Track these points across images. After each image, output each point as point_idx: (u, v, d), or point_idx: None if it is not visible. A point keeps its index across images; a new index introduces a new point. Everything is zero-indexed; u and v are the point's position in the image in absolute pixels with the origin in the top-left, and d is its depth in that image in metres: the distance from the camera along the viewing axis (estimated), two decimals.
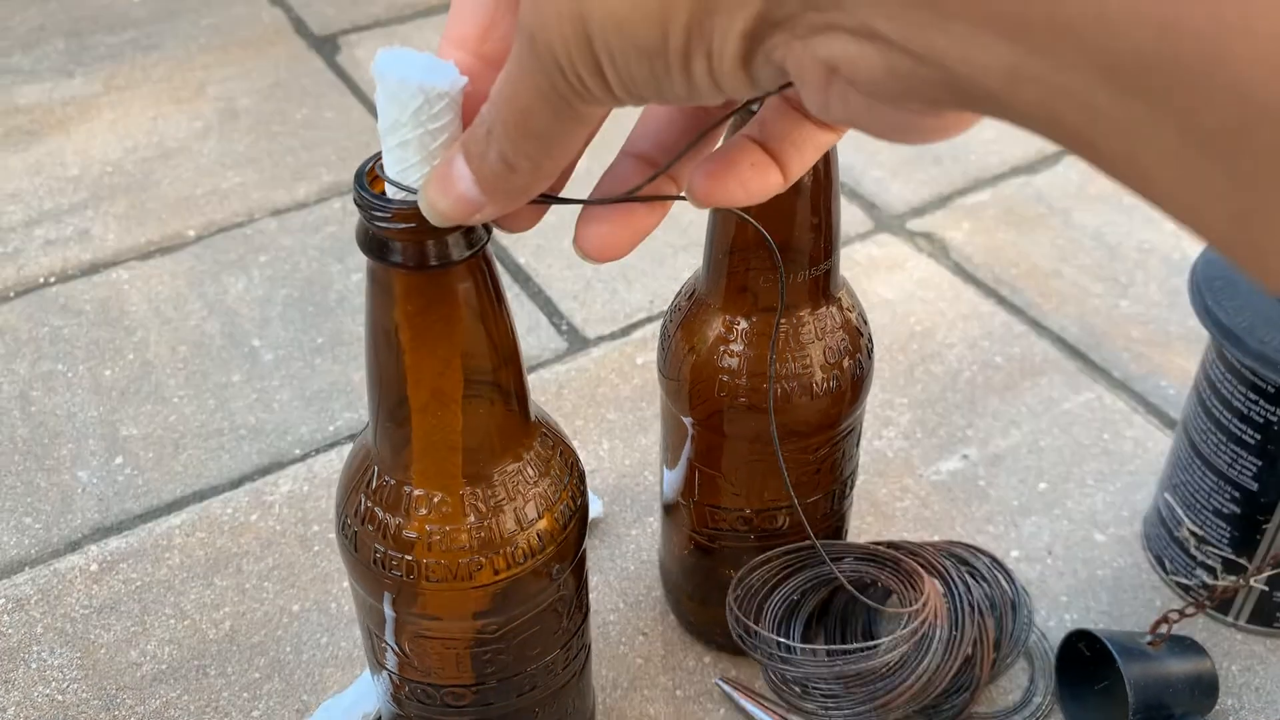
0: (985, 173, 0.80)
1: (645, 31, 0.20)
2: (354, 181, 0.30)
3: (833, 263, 0.41)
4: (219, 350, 0.67)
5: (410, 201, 0.28)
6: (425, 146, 0.27)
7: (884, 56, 0.18)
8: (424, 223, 0.29)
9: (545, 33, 0.21)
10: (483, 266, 0.32)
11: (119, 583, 0.54)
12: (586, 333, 0.68)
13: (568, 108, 0.22)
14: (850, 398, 0.43)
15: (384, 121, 0.28)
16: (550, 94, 0.22)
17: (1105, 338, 0.67)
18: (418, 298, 0.32)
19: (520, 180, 0.25)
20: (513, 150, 0.24)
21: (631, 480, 0.59)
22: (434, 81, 0.26)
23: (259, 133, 0.86)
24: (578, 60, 0.21)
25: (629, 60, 0.20)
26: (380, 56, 0.27)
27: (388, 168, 0.29)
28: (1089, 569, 0.54)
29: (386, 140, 0.28)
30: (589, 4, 0.20)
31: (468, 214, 0.26)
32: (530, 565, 0.36)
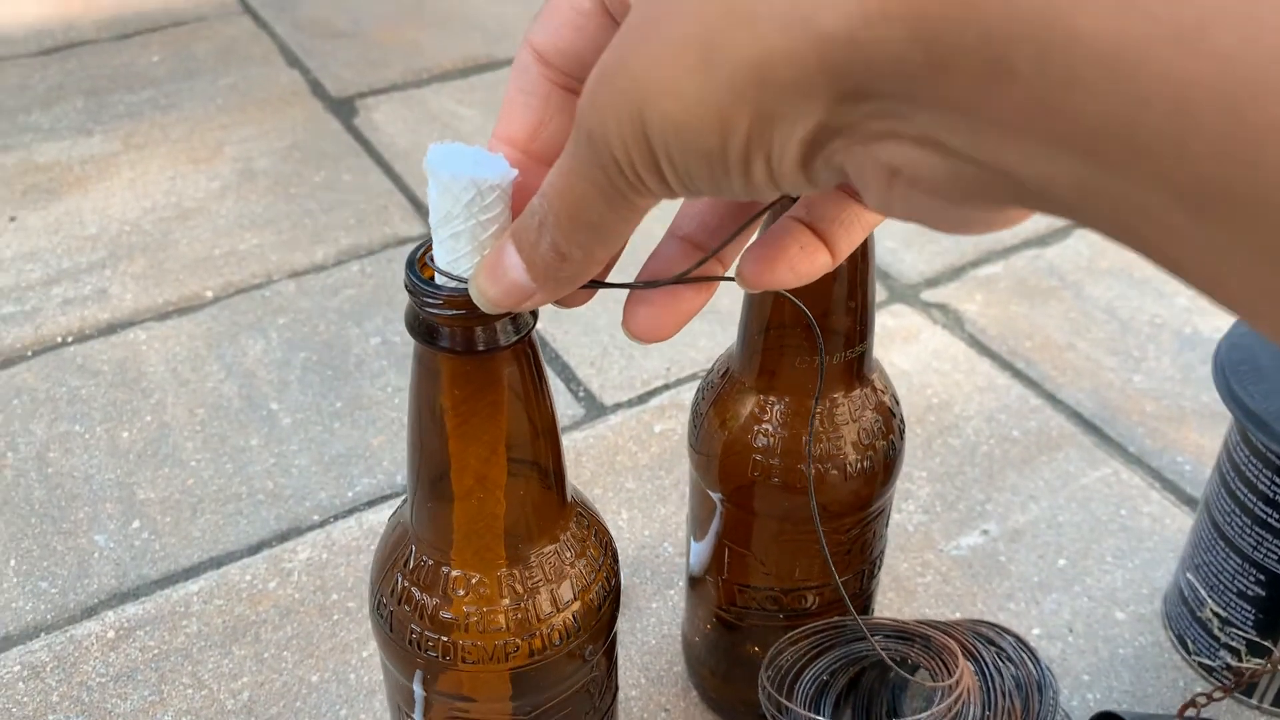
0: (997, 244, 0.81)
1: (704, 137, 0.20)
2: (406, 268, 0.30)
3: (868, 344, 0.41)
4: (237, 413, 0.67)
5: (462, 289, 0.29)
6: (476, 237, 0.28)
7: (948, 163, 0.18)
8: (475, 310, 0.29)
9: (603, 130, 0.21)
10: (528, 351, 0.32)
11: (136, 651, 0.54)
12: (604, 399, 0.69)
13: (623, 200, 0.23)
14: (882, 479, 0.43)
15: (436, 214, 0.28)
16: (606, 188, 0.22)
17: (1120, 412, 0.67)
18: (466, 382, 0.32)
19: (571, 269, 0.25)
20: (565, 240, 0.24)
21: (651, 552, 0.59)
22: (486, 174, 0.27)
23: (277, 194, 0.87)
24: (636, 158, 0.21)
25: (687, 161, 0.21)
26: (432, 151, 0.27)
27: (438, 259, 0.29)
28: (1110, 647, 0.54)
29: (438, 232, 0.28)
30: (648, 108, 0.20)
31: (518, 301, 0.26)
32: (565, 647, 0.36)
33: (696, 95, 0.19)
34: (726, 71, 0.19)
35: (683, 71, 0.19)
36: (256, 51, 1.07)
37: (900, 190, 0.20)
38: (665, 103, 0.20)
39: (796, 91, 0.18)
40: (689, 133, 0.20)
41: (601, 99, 0.21)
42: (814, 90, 0.18)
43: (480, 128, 0.95)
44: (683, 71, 0.19)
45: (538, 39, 0.27)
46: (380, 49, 1.07)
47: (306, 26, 1.11)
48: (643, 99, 0.20)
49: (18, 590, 0.57)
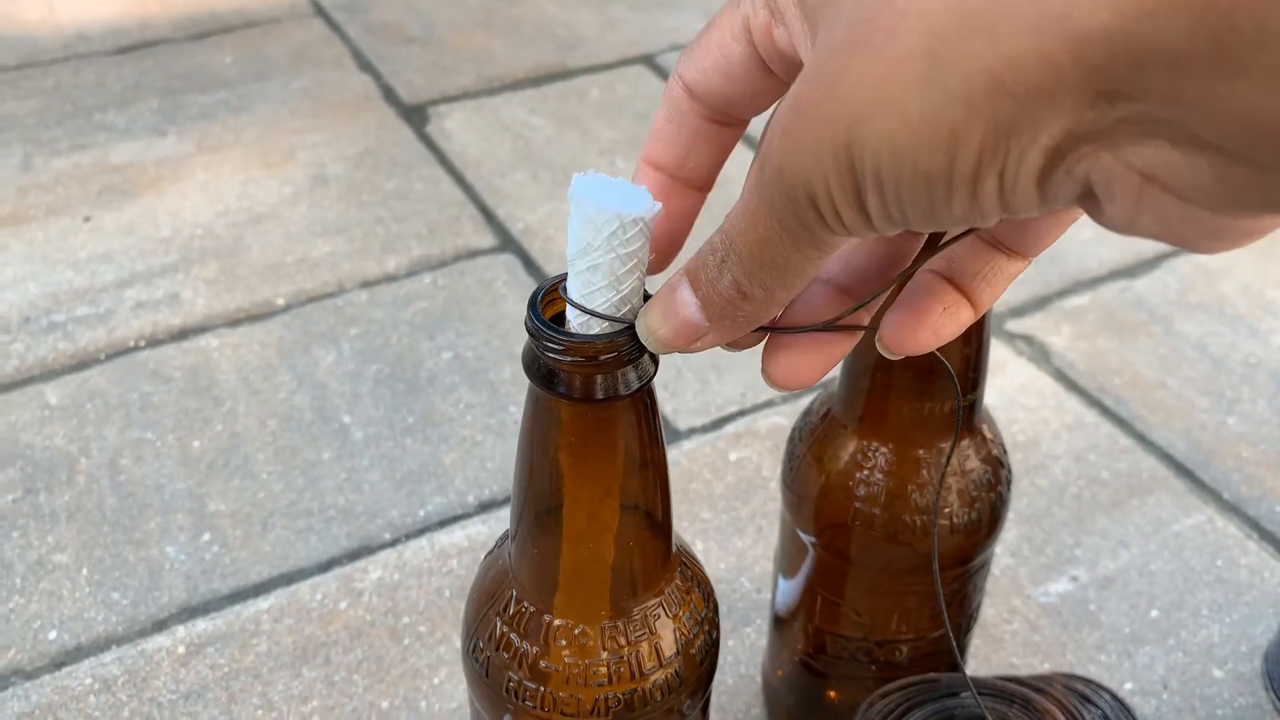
0: (1084, 275, 0.79)
1: (929, 158, 0.18)
2: (528, 308, 0.29)
3: (979, 393, 0.40)
4: (308, 425, 0.67)
5: (587, 336, 0.28)
6: (614, 271, 0.27)
7: (1216, 165, 0.17)
8: (598, 357, 0.28)
9: (798, 165, 0.20)
10: (646, 399, 0.31)
11: (206, 668, 0.53)
12: (678, 424, 0.67)
13: (811, 239, 0.22)
14: (987, 531, 0.41)
15: (575, 245, 0.27)
16: (794, 226, 0.21)
17: (1214, 456, 0.65)
18: (583, 429, 0.31)
19: (751, 309, 0.24)
20: (748, 279, 0.23)
21: (728, 587, 0.57)
22: (630, 208, 0.26)
23: (349, 201, 0.86)
24: (837, 191, 0.20)
25: (902, 188, 0.19)
26: (576, 181, 0.26)
27: (572, 290, 0.28)
28: (1208, 707, 0.52)
29: (575, 264, 0.27)
30: (859, 133, 0.19)
31: (689, 340, 0.25)
32: (666, 704, 0.35)
33: (921, 110, 0.18)
34: (958, 81, 0.17)
35: (902, 88, 0.18)
36: (328, 55, 1.06)
37: (1152, 199, 0.18)
38: (882, 124, 0.18)
39: (1042, 96, 0.17)
40: (911, 152, 0.19)
41: (798, 130, 0.20)
42: (1064, 94, 0.17)
43: (552, 138, 0.94)
44: (902, 88, 0.18)
45: (688, 75, 0.26)
46: (452, 55, 1.06)
47: (378, 30, 1.11)
48: (852, 124, 0.19)
49: (89, 600, 0.57)
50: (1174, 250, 0.82)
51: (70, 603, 0.56)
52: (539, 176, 0.89)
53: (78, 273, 0.79)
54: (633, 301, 0.28)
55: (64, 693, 0.52)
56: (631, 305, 0.28)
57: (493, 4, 1.16)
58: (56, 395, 0.69)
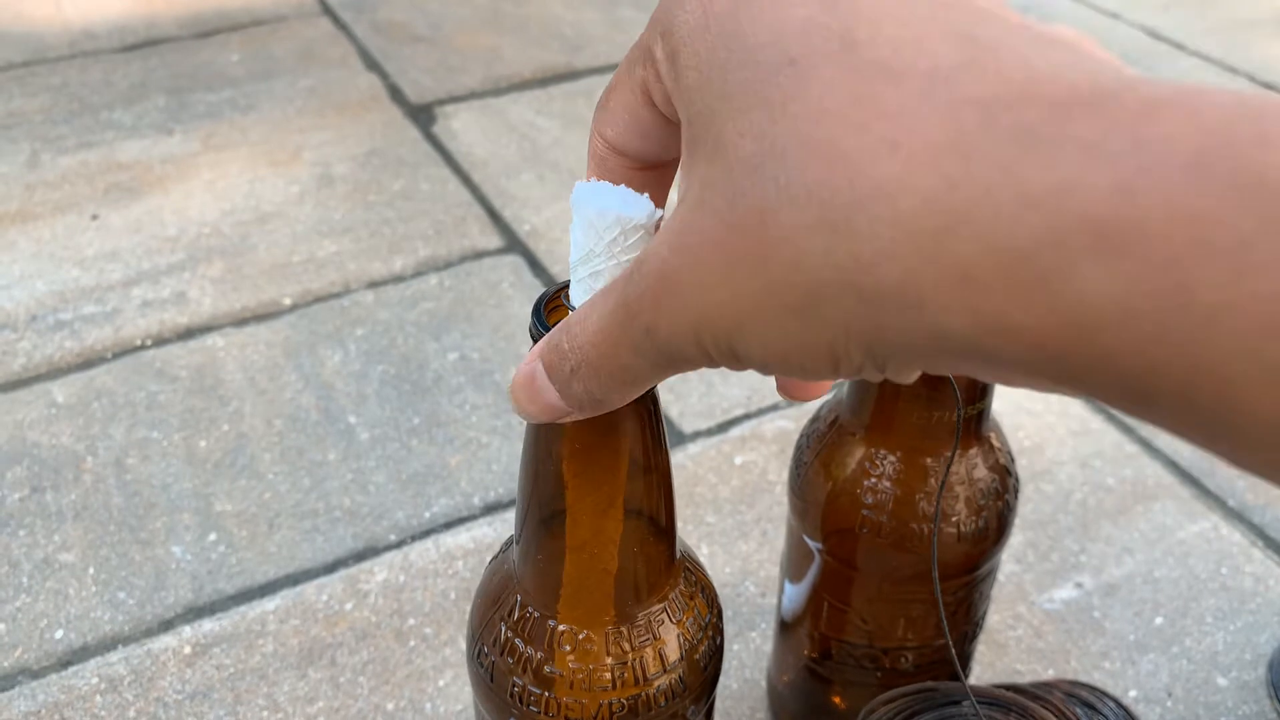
0: None
1: (815, 364, 0.20)
2: (532, 314, 0.29)
3: (987, 402, 0.40)
4: (314, 426, 0.67)
5: None
6: (615, 277, 0.27)
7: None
8: None
9: (675, 338, 0.21)
10: (650, 405, 0.31)
11: (212, 668, 0.53)
12: (683, 427, 0.67)
13: (678, 370, 0.23)
14: (994, 539, 0.41)
15: (577, 252, 0.27)
16: (661, 365, 0.22)
17: (1219, 463, 0.65)
18: (587, 434, 0.31)
19: (610, 406, 0.25)
20: (602, 390, 0.24)
21: (732, 590, 0.58)
22: (631, 213, 0.26)
23: (355, 201, 0.86)
24: (717, 361, 0.21)
25: (790, 371, 0.21)
26: (578, 188, 0.27)
27: (575, 297, 0.28)
28: (1212, 715, 0.52)
29: (578, 270, 0.28)
30: (743, 337, 0.20)
31: (555, 417, 0.26)
32: (670, 709, 0.35)
33: (802, 337, 0.19)
34: (839, 316, 0.19)
35: (782, 310, 0.19)
36: (335, 54, 1.07)
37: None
38: (765, 336, 0.20)
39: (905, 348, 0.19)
40: (798, 358, 0.20)
41: (672, 310, 0.21)
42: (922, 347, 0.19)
43: (558, 139, 0.94)
44: (782, 310, 0.19)
45: (607, 133, 0.26)
46: (459, 55, 1.07)
47: (385, 30, 1.11)
48: (732, 328, 0.20)
49: (96, 599, 0.57)
50: None
51: (77, 602, 0.57)
52: (545, 177, 0.89)
53: (84, 271, 0.79)
54: None
55: (70, 692, 0.52)
56: None
57: (499, 4, 1.16)
58: (63, 394, 0.69)
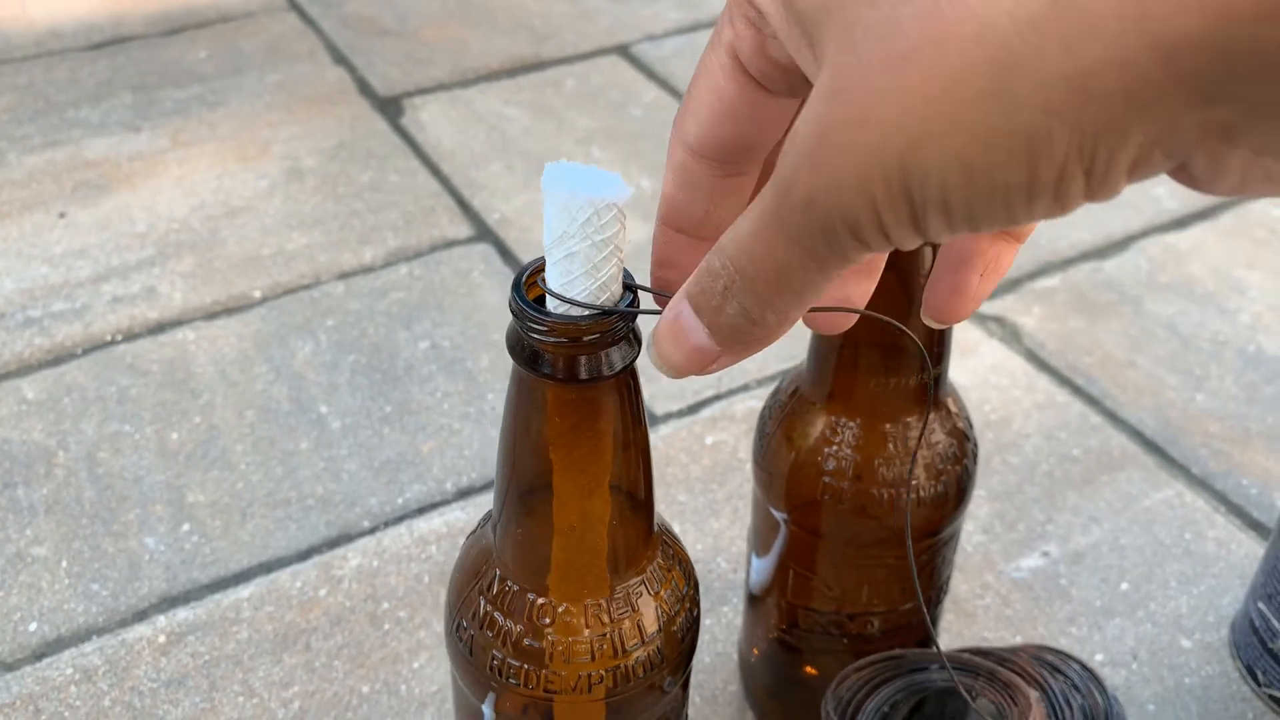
0: (1055, 256, 0.80)
1: (1006, 172, 0.18)
2: (512, 289, 0.29)
3: (944, 367, 0.40)
4: (286, 416, 0.67)
5: (571, 317, 0.28)
6: (591, 259, 0.27)
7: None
8: (582, 338, 0.28)
9: (835, 197, 0.19)
10: (630, 380, 0.31)
11: (187, 656, 0.54)
12: (655, 409, 0.68)
13: (842, 261, 0.21)
14: (955, 504, 0.42)
15: (551, 234, 0.28)
16: (823, 252, 0.20)
17: (1182, 432, 0.66)
18: (569, 409, 0.31)
19: (762, 332, 0.23)
20: (759, 307, 0.22)
21: (704, 567, 0.58)
22: (603, 194, 0.27)
23: (324, 194, 0.87)
24: (889, 219, 0.19)
25: (975, 204, 0.18)
26: (548, 170, 0.27)
27: (551, 280, 0.28)
28: (1176, 676, 0.53)
29: (552, 253, 0.28)
30: (918, 158, 0.18)
31: (703, 366, 0.24)
32: (649, 680, 0.35)
33: (991, 124, 0.17)
34: (1032, 89, 0.17)
35: (966, 102, 0.17)
36: (303, 49, 1.06)
37: (1262, 168, 0.18)
38: (946, 143, 0.18)
39: (1130, 103, 0.16)
40: (984, 169, 0.18)
41: (828, 160, 0.19)
42: (1155, 99, 0.16)
43: (527, 128, 0.94)
44: (966, 102, 0.17)
45: (689, 135, 0.25)
46: (427, 48, 1.07)
47: (352, 24, 1.11)
48: (906, 149, 0.18)
49: (69, 591, 0.57)
50: (1144, 231, 0.83)
51: (50, 595, 0.57)
52: (514, 167, 0.90)
53: (53, 268, 0.79)
54: (611, 289, 0.28)
55: (45, 683, 0.52)
56: (611, 292, 0.28)
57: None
58: (33, 390, 0.69)
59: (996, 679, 0.44)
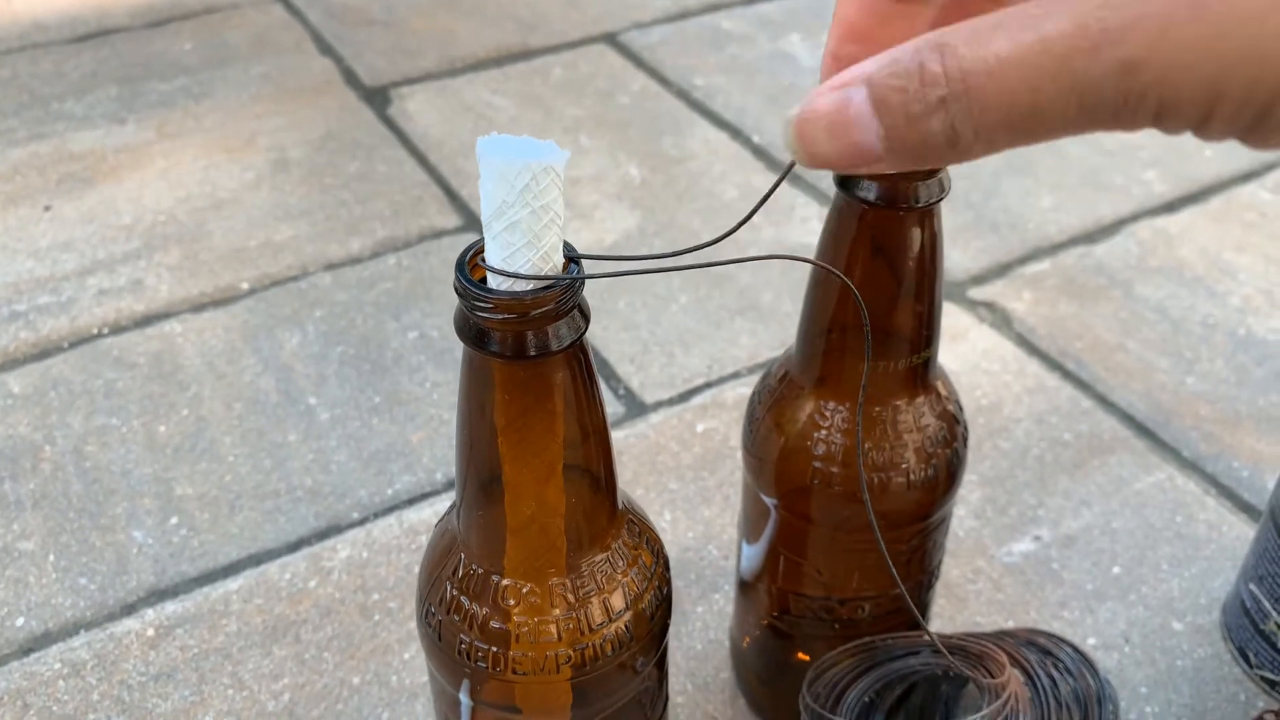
0: (1044, 241, 0.80)
1: None
2: (455, 270, 0.29)
3: (933, 350, 0.40)
4: (274, 407, 0.67)
5: (515, 292, 0.28)
6: (532, 229, 0.27)
7: None
8: (529, 313, 0.28)
9: (1179, 75, 0.18)
10: (580, 354, 0.31)
11: (176, 650, 0.53)
12: (644, 397, 0.68)
13: (1106, 127, 0.19)
14: (945, 488, 0.42)
15: (489, 206, 0.27)
16: (1100, 114, 0.19)
17: (1174, 415, 0.66)
18: (519, 387, 0.31)
19: (953, 156, 0.21)
20: (974, 132, 0.20)
21: (695, 554, 0.58)
22: (541, 157, 0.26)
23: (311, 184, 0.86)
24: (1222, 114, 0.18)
25: None
26: (481, 142, 0.27)
27: (492, 256, 0.28)
28: (1168, 659, 0.53)
29: (493, 226, 0.27)
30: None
31: (854, 164, 0.22)
32: (618, 658, 0.35)
33: None
34: None
35: None
36: (289, 39, 1.06)
37: None
38: None
39: None
40: None
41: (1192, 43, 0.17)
42: None
43: (514, 117, 0.94)
44: None
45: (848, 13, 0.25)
46: (414, 37, 1.06)
47: (339, 14, 1.10)
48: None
49: (57, 586, 0.56)
50: (1133, 215, 0.82)
51: (37, 589, 0.56)
52: None
53: (39, 262, 0.78)
54: (554, 259, 0.28)
55: (33, 678, 0.52)
56: (553, 263, 0.28)
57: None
58: (19, 384, 0.68)
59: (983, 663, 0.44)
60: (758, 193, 0.82)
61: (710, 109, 0.95)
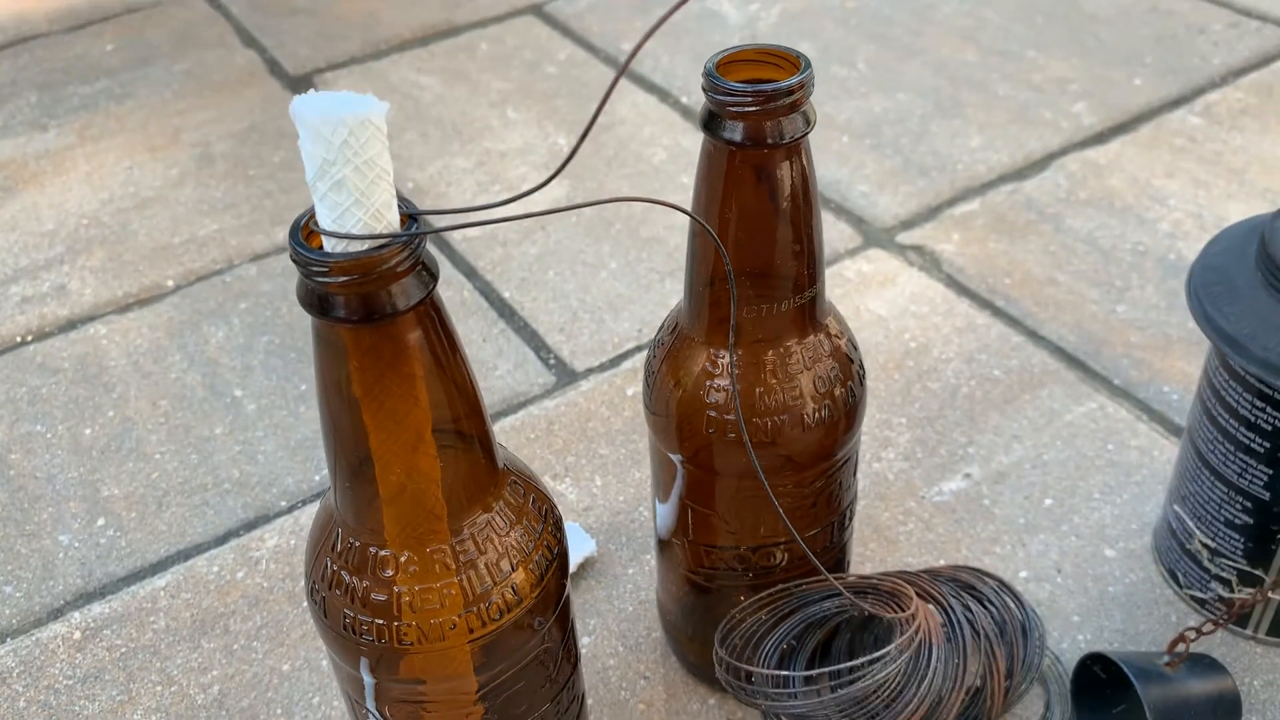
0: (973, 181, 0.79)
1: None
2: (290, 239, 0.28)
3: (818, 289, 0.40)
4: (200, 402, 0.66)
5: (351, 254, 0.27)
6: (358, 186, 0.26)
7: None
8: (369, 273, 0.27)
9: None
10: (432, 312, 0.30)
11: (103, 650, 0.53)
12: (575, 365, 0.67)
13: None
14: (844, 427, 0.41)
15: (312, 167, 0.26)
16: None
17: (1104, 345, 0.65)
18: (371, 354, 0.30)
19: None
20: None
21: (626, 517, 0.57)
22: (357, 110, 0.26)
23: (236, 177, 0.85)
24: None
25: None
26: (295, 102, 0.26)
27: (322, 219, 0.27)
28: (1100, 586, 0.53)
29: (318, 187, 0.27)
30: None
31: None
32: (509, 620, 0.34)
33: None
34: None
35: None
36: (212, 34, 1.04)
37: None
38: None
39: None
40: None
41: None
42: None
43: (440, 95, 0.93)
44: None
45: None
46: (338, 23, 1.05)
47: (262, 5, 1.09)
48: None
49: None
50: (1062, 149, 0.82)
51: None
52: (428, 135, 0.88)
53: None
54: (387, 216, 0.27)
55: None
56: (387, 220, 0.27)
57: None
58: None
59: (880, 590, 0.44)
60: (687, 154, 0.81)
61: (638, 73, 0.94)
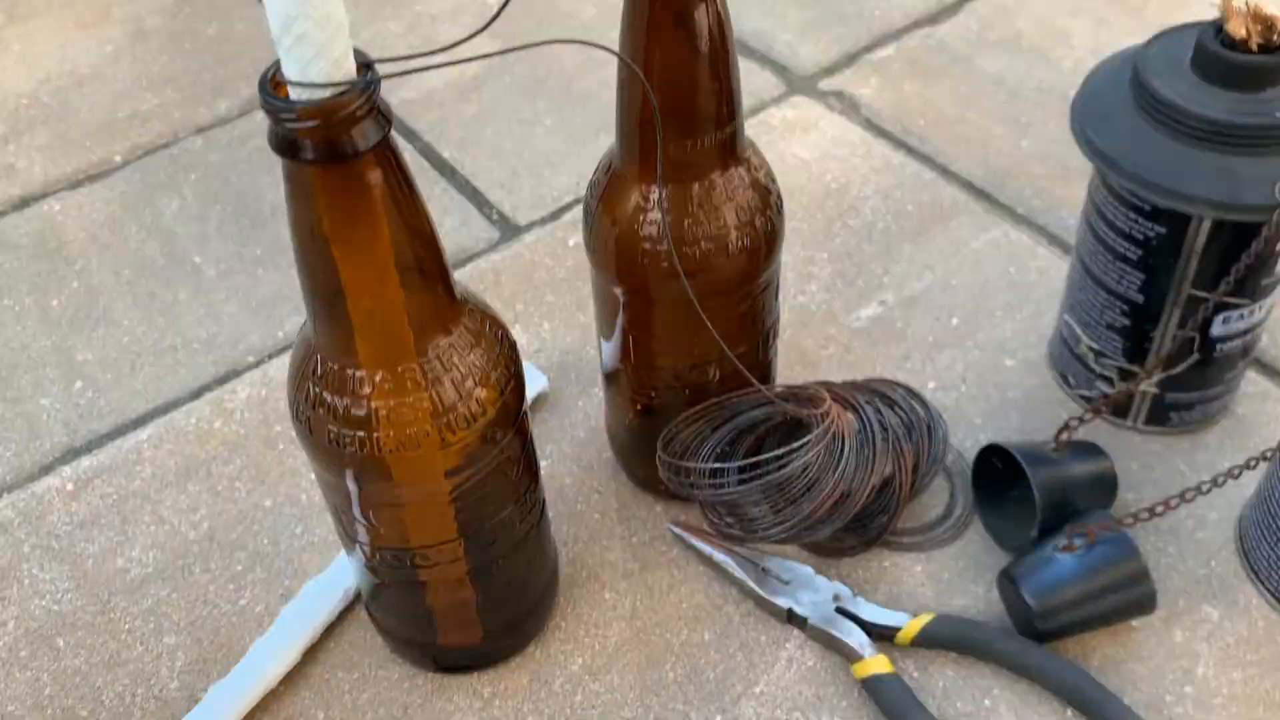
0: (889, 27, 0.83)
1: None
2: (259, 91, 0.32)
3: (737, 124, 0.44)
4: (161, 270, 0.69)
5: (316, 100, 0.31)
6: (319, 40, 0.30)
7: None
8: (334, 115, 0.31)
9: None
10: (389, 154, 0.34)
11: (96, 498, 0.57)
12: (517, 219, 0.71)
13: None
14: (765, 253, 0.46)
15: (276, 22, 0.29)
16: None
17: (1009, 177, 0.70)
18: (338, 190, 0.34)
19: None
20: None
21: (574, 356, 0.62)
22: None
23: (172, 52, 0.86)
24: None
25: None
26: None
27: (288, 72, 0.31)
28: (1000, 392, 0.59)
29: (282, 42, 0.30)
30: None
31: None
32: (476, 430, 0.39)
33: None
34: None
35: None
36: None
37: None
38: None
39: None
40: None
41: None
42: None
43: None
44: None
45: None
46: None
47: None
48: None
49: None
50: None
51: None
52: (359, 1, 0.89)
53: None
54: (346, 66, 0.31)
55: None
56: (345, 69, 0.31)
57: None
58: None
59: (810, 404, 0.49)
60: (615, 10, 0.84)
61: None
